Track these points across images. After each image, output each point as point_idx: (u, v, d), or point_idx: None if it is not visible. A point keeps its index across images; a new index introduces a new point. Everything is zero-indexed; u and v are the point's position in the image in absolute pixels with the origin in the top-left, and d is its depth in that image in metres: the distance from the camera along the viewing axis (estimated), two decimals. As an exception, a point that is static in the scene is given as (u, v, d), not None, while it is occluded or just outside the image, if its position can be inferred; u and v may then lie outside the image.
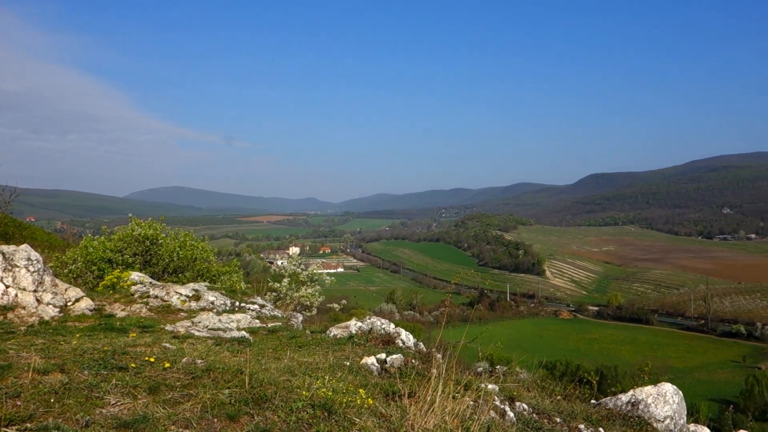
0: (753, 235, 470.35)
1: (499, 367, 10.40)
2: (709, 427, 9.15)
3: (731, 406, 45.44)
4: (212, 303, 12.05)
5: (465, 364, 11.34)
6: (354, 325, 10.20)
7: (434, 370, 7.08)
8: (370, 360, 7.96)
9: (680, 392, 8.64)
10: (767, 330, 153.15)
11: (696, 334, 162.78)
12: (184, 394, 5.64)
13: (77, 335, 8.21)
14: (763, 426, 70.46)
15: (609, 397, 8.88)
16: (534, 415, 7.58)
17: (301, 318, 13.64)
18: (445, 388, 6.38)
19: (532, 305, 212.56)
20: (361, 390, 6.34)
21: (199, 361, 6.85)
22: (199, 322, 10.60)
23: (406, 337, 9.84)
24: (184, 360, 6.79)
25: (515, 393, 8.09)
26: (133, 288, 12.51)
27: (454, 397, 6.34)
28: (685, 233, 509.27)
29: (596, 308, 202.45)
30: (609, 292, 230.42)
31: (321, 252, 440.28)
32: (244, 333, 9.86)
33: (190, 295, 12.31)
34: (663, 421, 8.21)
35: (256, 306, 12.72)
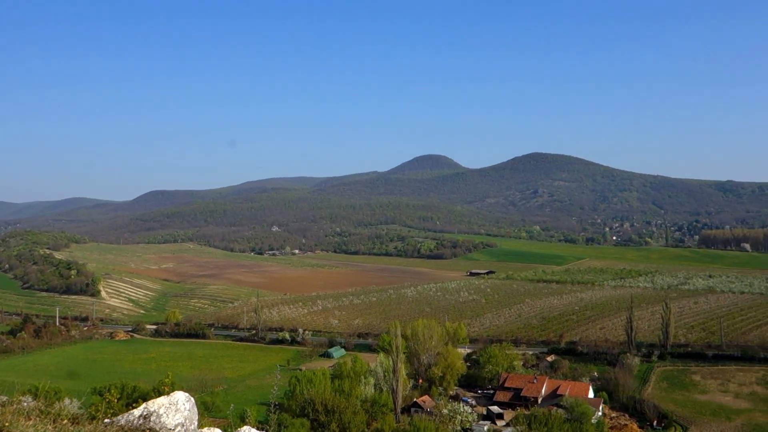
0: (297, 251, 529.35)
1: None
2: (258, 428, 9.68)
3: (251, 405, 49.73)
4: None
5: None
6: None
7: None
8: None
9: (192, 399, 8.93)
10: (308, 335, 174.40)
11: (248, 344, 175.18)
12: None
13: None
14: (303, 422, 79.03)
15: (123, 414, 8.68)
16: (28, 444, 6.93)
17: None
18: None
19: (86, 328, 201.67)
20: None
21: None
22: None
23: None
24: None
25: (7, 423, 7.28)
26: None
27: None
28: (240, 249, 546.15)
29: (154, 327, 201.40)
30: (167, 310, 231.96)
31: None
32: None
33: None
34: (174, 429, 8.37)
35: None
